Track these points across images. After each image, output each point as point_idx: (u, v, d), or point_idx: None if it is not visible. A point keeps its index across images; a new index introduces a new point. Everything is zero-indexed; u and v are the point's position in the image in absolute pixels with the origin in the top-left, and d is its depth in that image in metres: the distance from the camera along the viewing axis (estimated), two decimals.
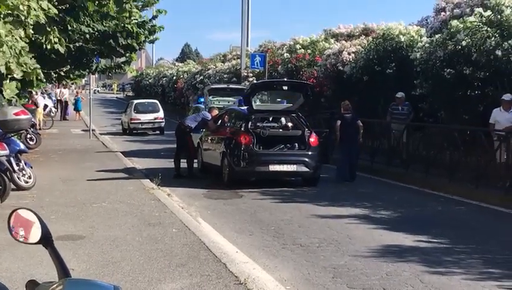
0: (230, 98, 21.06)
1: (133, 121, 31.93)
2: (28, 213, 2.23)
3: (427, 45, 17.65)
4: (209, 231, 9.63)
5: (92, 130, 28.96)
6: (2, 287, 2.16)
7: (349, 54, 22.31)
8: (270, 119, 15.84)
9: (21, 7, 7.59)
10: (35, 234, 2.21)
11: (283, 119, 15.61)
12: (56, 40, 10.92)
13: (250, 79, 30.87)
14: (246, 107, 15.67)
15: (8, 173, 11.97)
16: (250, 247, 8.76)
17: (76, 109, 40.14)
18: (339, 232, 9.68)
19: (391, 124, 17.98)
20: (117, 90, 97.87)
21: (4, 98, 12.23)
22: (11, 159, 12.53)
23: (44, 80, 20.59)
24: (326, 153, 15.91)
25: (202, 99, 23.62)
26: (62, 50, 11.17)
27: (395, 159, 17.14)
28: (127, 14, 16.93)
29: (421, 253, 8.32)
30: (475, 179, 13.56)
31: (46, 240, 2.20)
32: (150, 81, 61.94)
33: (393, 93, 19.46)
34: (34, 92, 29.85)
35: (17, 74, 9.73)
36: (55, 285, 1.95)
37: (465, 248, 8.74)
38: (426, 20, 22.17)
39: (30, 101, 29.05)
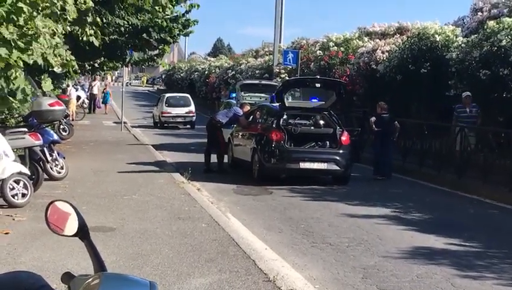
0: (262, 94, 21.05)
1: (164, 115, 32.08)
2: (65, 205, 2.23)
3: (463, 45, 17.46)
4: (238, 227, 9.63)
5: (124, 122, 29.15)
6: (38, 277, 2.16)
7: (383, 52, 22.16)
8: (302, 116, 15.81)
9: (55, 1, 7.64)
10: (72, 226, 2.21)
11: (315, 117, 15.55)
12: (92, 32, 10.99)
13: (282, 76, 30.83)
14: (278, 104, 15.65)
15: (41, 163, 12.10)
16: (279, 244, 8.74)
17: (105, 102, 40.43)
18: (369, 232, 9.62)
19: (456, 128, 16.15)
20: (146, 83, 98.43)
21: (41, 89, 12.35)
22: (45, 149, 12.67)
23: (79, 72, 20.80)
24: (358, 151, 15.85)
25: (234, 95, 23.65)
26: (97, 43, 11.24)
27: (427, 160, 16.95)
28: (160, 9, 16.97)
29: (452, 256, 8.22)
30: (509, 182, 13.36)
31: (83, 232, 2.21)
32: (181, 75, 62.14)
33: (428, 92, 19.32)
34: (66, 84, 30.15)
35: (57, 68, 9.81)
36: (91, 278, 1.94)
37: (497, 252, 8.62)
38: (462, 20, 21.91)
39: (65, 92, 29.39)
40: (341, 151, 14.46)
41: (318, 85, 15.26)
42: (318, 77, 17.28)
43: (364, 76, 23.19)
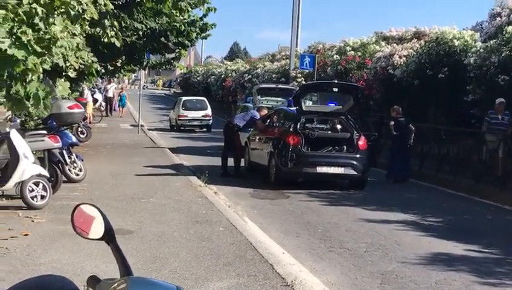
0: (279, 98, 21.07)
1: (180, 118, 32.16)
2: (91, 209, 2.23)
3: (481, 50, 17.33)
4: (255, 231, 9.64)
5: (141, 125, 29.23)
6: (67, 281, 2.16)
7: (400, 57, 22.08)
8: (319, 120, 15.83)
9: (73, 2, 7.66)
10: (98, 230, 2.21)
11: (332, 121, 15.56)
12: (113, 33, 11.02)
13: (299, 80, 30.84)
14: (295, 108, 15.65)
15: (60, 165, 12.14)
16: (297, 249, 8.73)
17: (122, 105, 40.43)
18: (386, 237, 9.58)
19: (485, 135, 15.61)
20: (162, 87, 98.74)
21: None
22: (64, 151, 12.73)
23: (100, 74, 20.89)
24: (375, 156, 15.87)
25: (251, 98, 23.67)
26: (118, 44, 11.26)
27: (444, 165, 16.85)
28: (178, 13, 17.00)
29: (471, 263, 8.15)
30: None
31: (109, 236, 2.20)
32: (198, 78, 62.30)
33: (446, 98, 19.22)
34: (82, 87, 30.29)
35: (72, 73, 9.84)
36: (117, 283, 1.93)
37: None
38: (481, 25, 21.78)
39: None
40: (358, 155, 14.42)
41: (335, 89, 15.24)
42: (336, 81, 17.21)
43: (381, 81, 23.13)
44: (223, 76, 50.45)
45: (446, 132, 17.40)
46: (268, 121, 16.45)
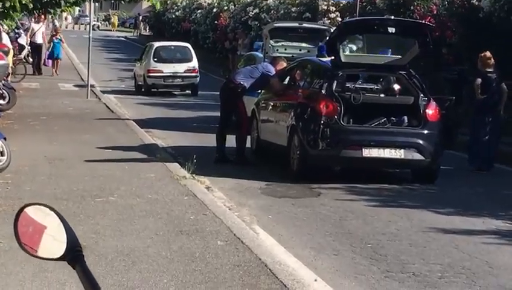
0: (304, 44, 20.95)
1: (152, 74, 31.98)
2: (44, 212, 2.19)
3: None
4: (272, 246, 9.65)
5: (91, 86, 29.18)
6: None
7: None
8: (367, 78, 15.82)
9: None
10: (57, 245, 2.17)
11: (386, 79, 15.52)
12: None
13: (332, 15, 30.77)
14: (329, 59, 15.59)
15: None
16: (336, 273, 8.76)
17: (55, 56, 39.17)
18: (472, 256, 9.59)
19: None
20: (118, 27, 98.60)
21: None
22: None
23: (30, 7, 20.81)
24: (451, 132, 15.77)
25: (260, 44, 23.58)
26: None
27: None
28: None
29: None
30: None
31: (73, 254, 2.17)
32: (177, 14, 62.11)
33: None
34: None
35: None
36: None
37: None
38: None
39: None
40: (426, 131, 14.39)
41: (392, 30, 15.04)
42: (392, 17, 17.11)
43: (459, 16, 23.13)
44: (215, 10, 50.27)
45: None
46: (289, 78, 16.44)
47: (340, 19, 31.05)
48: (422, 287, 8.31)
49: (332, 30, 18.42)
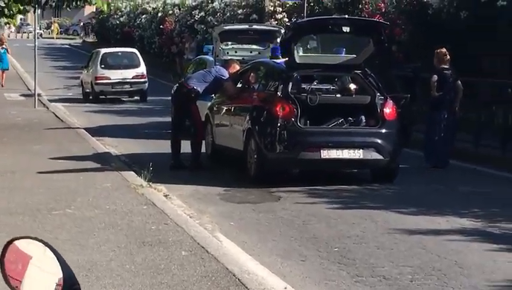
0: (255, 46, 20.87)
1: (99, 81, 31.93)
2: (35, 247, 1.96)
3: None
4: (238, 255, 9.54)
5: (38, 95, 28.89)
6: None
7: None
8: (323, 78, 15.77)
9: None
10: (47, 282, 1.94)
11: (342, 79, 15.48)
12: None
13: (279, 16, 30.84)
14: (283, 60, 15.53)
15: None
16: (305, 280, 8.65)
17: (1, 68, 38.31)
18: (441, 256, 9.52)
19: None
20: (61, 34, 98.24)
21: None
22: None
23: None
24: (407, 130, 15.78)
25: (210, 48, 23.40)
26: None
27: None
28: None
29: None
30: None
31: None
32: (121, 20, 62.00)
33: (509, 37, 19.20)
34: None
35: None
36: None
37: None
38: None
39: None
40: (384, 130, 14.39)
41: (346, 29, 15.04)
42: (346, 16, 17.10)
43: (408, 13, 23.27)
44: (159, 14, 50.26)
45: None
46: (242, 81, 16.36)
47: (287, 20, 31.13)
48: None
49: (283, 31, 18.35)
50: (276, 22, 30.70)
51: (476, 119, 18.22)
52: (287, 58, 15.26)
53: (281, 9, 31.45)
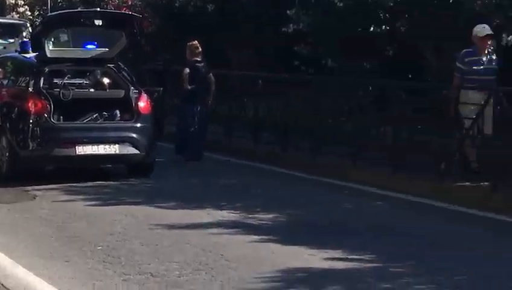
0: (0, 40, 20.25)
1: None
2: None
3: None
4: None
5: None
6: None
7: None
8: (75, 72, 15.53)
9: None
10: None
11: (94, 73, 15.30)
12: None
13: (21, 9, 30.13)
14: (33, 55, 15.18)
15: None
16: (72, 282, 8.30)
17: None
18: (206, 250, 9.43)
19: (460, 92, 13.41)
20: None
21: None
22: None
23: None
24: (160, 124, 15.79)
25: None
26: None
27: (265, 133, 17.25)
28: None
29: (344, 278, 8.25)
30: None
31: None
32: None
33: (252, 30, 19.56)
34: None
35: None
36: None
37: (402, 266, 8.77)
38: None
39: None
40: (139, 125, 14.41)
41: (99, 22, 14.89)
42: (98, 9, 16.86)
43: (154, 7, 23.33)
44: None
45: (264, 82, 17.76)
46: None
47: (29, 13, 30.34)
48: (163, 287, 8.03)
49: (28, 24, 17.96)
50: (18, 15, 29.83)
51: (227, 112, 18.47)
52: (37, 53, 14.94)
53: (23, 2, 30.53)
